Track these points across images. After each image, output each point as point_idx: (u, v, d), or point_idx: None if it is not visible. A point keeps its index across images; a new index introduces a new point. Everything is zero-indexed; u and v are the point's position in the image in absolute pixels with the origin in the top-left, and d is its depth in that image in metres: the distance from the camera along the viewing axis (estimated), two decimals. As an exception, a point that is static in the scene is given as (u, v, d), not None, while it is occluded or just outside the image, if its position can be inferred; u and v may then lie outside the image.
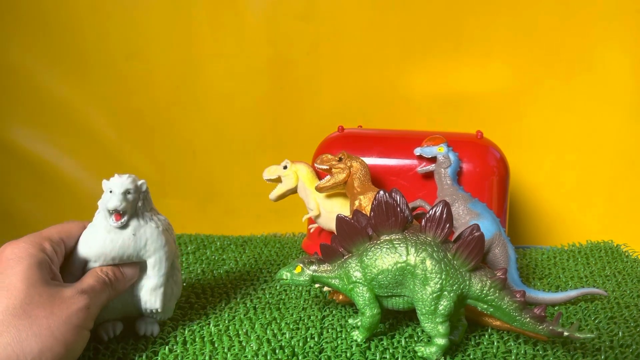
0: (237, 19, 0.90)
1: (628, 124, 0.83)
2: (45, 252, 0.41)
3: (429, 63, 0.87)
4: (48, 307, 0.38)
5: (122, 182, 0.44)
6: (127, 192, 0.44)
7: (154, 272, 0.47)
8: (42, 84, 0.94)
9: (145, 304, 0.47)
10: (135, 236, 0.45)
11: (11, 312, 0.36)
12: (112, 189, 0.44)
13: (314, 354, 0.45)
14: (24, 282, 0.38)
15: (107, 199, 0.44)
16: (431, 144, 0.64)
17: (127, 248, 0.45)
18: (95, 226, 0.45)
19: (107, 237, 0.44)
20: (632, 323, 0.52)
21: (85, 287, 0.41)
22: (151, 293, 0.47)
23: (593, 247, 0.75)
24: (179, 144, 0.95)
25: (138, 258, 0.46)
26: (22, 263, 0.39)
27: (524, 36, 0.84)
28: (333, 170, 0.62)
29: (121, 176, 0.45)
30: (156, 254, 0.46)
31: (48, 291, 0.39)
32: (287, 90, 0.91)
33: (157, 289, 0.47)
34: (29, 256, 0.40)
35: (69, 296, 0.40)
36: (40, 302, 0.38)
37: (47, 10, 0.91)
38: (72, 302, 0.39)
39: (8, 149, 0.96)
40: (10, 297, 0.37)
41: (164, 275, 0.47)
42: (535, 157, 0.86)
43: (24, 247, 0.40)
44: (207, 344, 0.47)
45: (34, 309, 0.37)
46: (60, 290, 0.40)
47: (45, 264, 0.40)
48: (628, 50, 0.82)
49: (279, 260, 0.72)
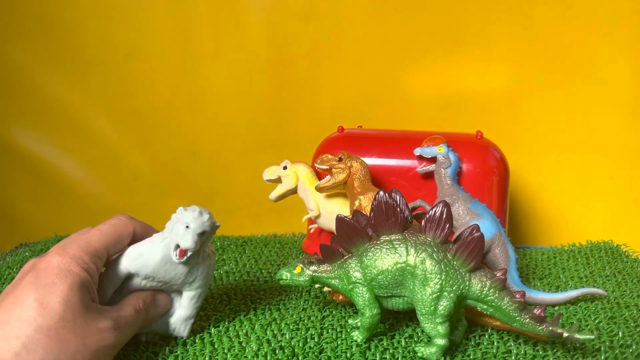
0: (237, 19, 0.90)
1: (628, 123, 0.83)
2: (89, 272, 0.40)
3: (429, 63, 0.87)
4: (80, 336, 0.37)
5: (202, 222, 0.43)
6: (203, 233, 0.43)
7: (190, 304, 0.47)
8: (42, 83, 0.94)
9: (174, 331, 0.47)
10: (189, 272, 0.45)
11: (44, 332, 0.36)
12: (189, 225, 0.43)
13: (314, 354, 0.45)
14: (62, 304, 0.37)
15: (182, 235, 0.42)
16: (431, 144, 0.64)
17: (177, 280, 0.45)
18: (154, 249, 0.44)
19: (163, 265, 0.44)
20: (632, 323, 0.52)
21: (122, 322, 0.41)
22: (182, 322, 0.47)
23: (593, 247, 0.75)
24: (179, 144, 0.95)
25: (180, 289, 0.46)
26: (65, 281, 0.38)
27: (524, 36, 0.84)
28: (333, 170, 0.62)
29: (202, 214, 0.43)
30: (198, 290, 0.47)
31: (84, 317, 0.38)
32: (287, 90, 0.91)
33: (189, 319, 0.47)
34: (72, 275, 0.39)
35: (103, 329, 0.39)
36: (74, 328, 0.37)
37: (47, 10, 0.91)
38: (104, 337, 0.39)
39: (8, 149, 0.96)
40: (46, 316, 0.37)
41: (198, 308, 0.47)
42: (535, 157, 0.86)
43: (69, 262, 0.39)
44: (207, 345, 0.47)
45: (66, 333, 0.37)
46: (97, 319, 0.39)
47: (88, 285, 0.40)
48: (628, 51, 0.82)
49: (279, 260, 0.72)
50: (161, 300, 0.46)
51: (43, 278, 0.38)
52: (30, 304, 0.37)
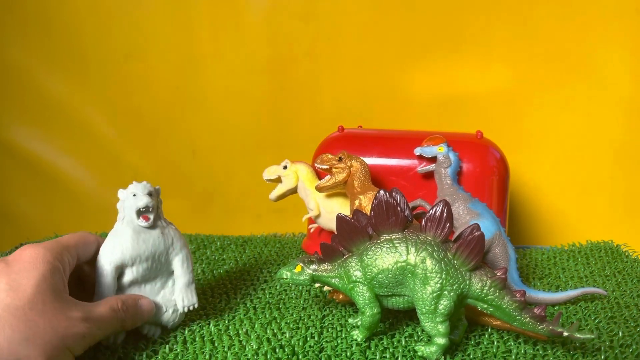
0: (237, 19, 0.90)
1: (628, 123, 0.83)
2: (62, 262, 0.41)
3: (429, 63, 0.87)
4: (48, 319, 0.38)
5: (144, 185, 0.47)
6: (149, 193, 0.46)
7: (184, 270, 0.48)
8: (41, 83, 0.94)
9: (183, 301, 0.48)
10: (163, 235, 0.47)
11: (12, 312, 0.36)
12: (135, 192, 0.46)
13: (314, 353, 0.45)
14: (34, 287, 0.38)
15: (134, 201, 0.45)
16: (431, 144, 0.64)
17: (159, 246, 0.46)
18: (121, 231, 0.46)
19: (139, 237, 0.46)
20: (632, 323, 0.52)
21: (95, 315, 0.41)
22: (186, 290, 0.48)
23: (593, 247, 0.75)
24: (179, 143, 0.95)
25: (167, 258, 0.47)
26: (37, 269, 0.39)
27: (524, 36, 0.84)
28: (333, 170, 0.62)
29: (140, 182, 0.47)
30: (182, 251, 0.48)
31: (54, 303, 0.38)
32: (287, 90, 0.91)
33: (190, 284, 0.48)
34: (46, 263, 0.40)
35: (73, 317, 0.39)
36: (43, 310, 0.38)
37: (47, 10, 0.91)
38: (72, 325, 0.39)
39: (8, 148, 0.96)
40: (15, 297, 0.37)
41: (192, 272, 0.49)
42: (535, 157, 0.86)
43: (43, 252, 0.40)
44: (207, 343, 0.47)
45: (34, 315, 0.37)
46: (68, 307, 0.39)
47: (59, 274, 0.40)
48: (628, 51, 0.82)
49: (279, 260, 0.72)
50: (144, 303, 0.46)
51: (14, 266, 0.39)
52: (0, 287, 0.37)
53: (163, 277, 0.48)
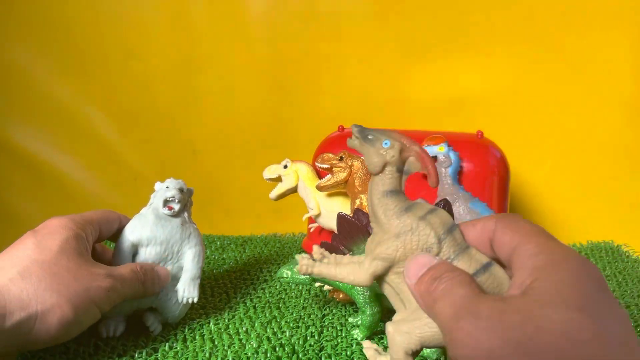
0: (237, 19, 0.90)
1: (628, 123, 0.84)
2: (85, 232, 0.44)
3: (429, 63, 0.88)
4: (72, 273, 0.40)
5: (178, 181, 0.51)
6: (181, 189, 0.50)
7: (193, 264, 0.50)
8: (41, 83, 0.94)
9: (184, 292, 0.49)
10: (182, 226, 0.50)
11: (39, 264, 0.39)
12: (168, 185, 0.50)
13: (314, 352, 0.45)
14: (58, 246, 0.41)
15: (164, 192, 0.49)
16: (431, 144, 0.64)
17: (174, 235, 0.49)
18: (145, 215, 0.49)
19: (159, 223, 0.49)
20: (632, 323, 0.52)
21: (116, 273, 0.43)
22: (189, 283, 0.49)
23: (593, 247, 0.75)
24: (179, 144, 0.95)
25: (180, 249, 0.49)
26: (62, 233, 0.42)
27: (524, 36, 0.84)
28: (334, 170, 0.62)
29: (176, 179, 0.52)
30: (196, 247, 0.50)
31: (77, 260, 0.41)
32: (287, 90, 0.91)
33: (195, 279, 0.50)
34: (70, 229, 0.42)
35: (96, 273, 0.41)
36: (67, 266, 0.40)
37: (46, 9, 0.91)
38: (96, 278, 0.41)
39: (7, 148, 0.96)
40: (41, 253, 0.40)
41: (201, 269, 0.50)
42: (535, 157, 0.86)
43: (67, 221, 0.43)
44: (207, 342, 0.47)
45: (60, 269, 0.39)
46: (90, 264, 0.42)
47: (82, 239, 0.43)
48: (628, 50, 0.82)
49: (279, 260, 0.71)
50: (160, 270, 0.48)
51: (41, 231, 0.42)
52: (27, 246, 0.40)
53: (173, 266, 0.49)
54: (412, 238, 0.31)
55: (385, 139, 0.34)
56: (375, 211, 0.34)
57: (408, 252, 0.31)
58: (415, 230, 0.31)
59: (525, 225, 0.29)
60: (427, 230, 0.31)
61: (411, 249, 0.31)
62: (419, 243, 0.31)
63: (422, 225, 0.31)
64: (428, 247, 0.31)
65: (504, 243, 0.29)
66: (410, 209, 0.33)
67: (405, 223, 0.32)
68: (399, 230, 0.32)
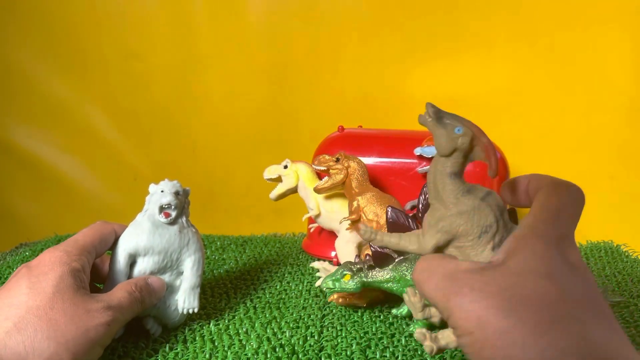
0: (237, 19, 0.90)
1: (628, 123, 0.84)
2: (79, 263, 0.42)
3: (429, 63, 0.88)
4: (69, 315, 0.38)
5: (173, 184, 0.49)
6: (177, 192, 0.48)
7: (192, 272, 0.48)
8: (41, 83, 0.94)
9: (184, 302, 0.48)
10: (180, 233, 0.48)
11: (34, 312, 0.37)
12: (163, 189, 0.48)
13: (314, 352, 0.45)
14: (52, 287, 0.39)
15: (159, 197, 0.47)
16: (431, 144, 0.64)
17: (173, 243, 0.47)
18: (141, 223, 0.47)
19: (156, 231, 0.46)
20: (632, 323, 0.52)
21: (114, 303, 0.42)
22: (189, 292, 0.48)
23: (593, 247, 0.75)
24: (179, 143, 0.95)
25: (179, 257, 0.48)
26: (55, 270, 0.40)
27: (524, 36, 0.84)
28: (331, 171, 0.62)
29: (171, 180, 0.49)
30: (196, 254, 0.48)
31: (74, 299, 0.39)
32: (287, 90, 0.91)
33: (195, 288, 0.48)
34: (63, 264, 0.41)
35: (94, 309, 0.40)
36: (63, 308, 0.38)
37: (46, 9, 0.91)
38: (94, 316, 0.40)
39: (7, 148, 0.96)
40: (36, 298, 0.38)
41: (201, 276, 0.49)
42: (535, 157, 0.86)
43: (60, 255, 0.42)
44: (208, 343, 0.47)
45: (55, 314, 0.38)
46: (87, 301, 0.40)
47: (78, 274, 0.41)
48: (628, 50, 0.82)
49: (279, 260, 0.71)
50: (154, 282, 0.47)
51: (35, 270, 0.40)
52: (21, 291, 0.39)
53: (172, 274, 0.48)
54: (474, 217, 0.35)
55: (459, 125, 0.36)
56: (439, 190, 0.36)
57: (469, 229, 0.34)
58: (477, 209, 0.35)
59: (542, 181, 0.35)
60: (487, 210, 0.35)
61: (472, 226, 0.35)
62: (480, 222, 0.35)
63: (483, 206, 0.35)
64: (488, 225, 0.34)
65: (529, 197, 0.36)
66: (471, 191, 0.36)
67: (468, 203, 0.35)
68: (463, 209, 0.35)
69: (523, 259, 0.29)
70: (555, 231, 0.31)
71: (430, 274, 0.33)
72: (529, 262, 0.29)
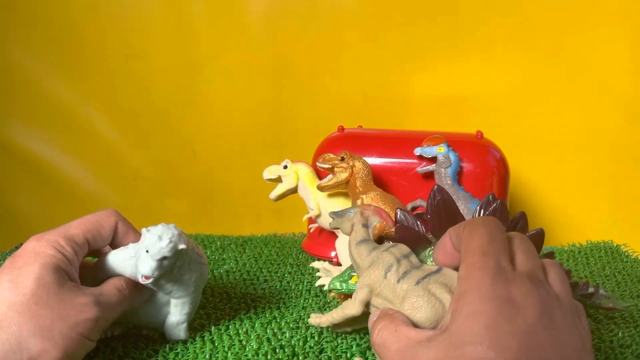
0: (237, 19, 0.90)
1: (628, 123, 0.84)
2: (65, 254, 0.40)
3: (429, 63, 0.88)
4: (55, 310, 0.37)
5: (160, 248, 0.40)
6: (163, 259, 0.41)
7: (177, 311, 0.46)
8: (41, 83, 0.94)
9: (170, 336, 0.46)
10: (161, 287, 0.44)
11: (16, 309, 0.36)
12: (148, 250, 0.41)
13: (314, 354, 0.45)
14: (35, 281, 0.37)
15: (142, 260, 0.41)
16: (431, 144, 0.64)
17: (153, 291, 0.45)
18: (124, 263, 0.43)
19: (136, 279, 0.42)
20: (632, 323, 0.52)
21: (103, 298, 0.40)
22: (175, 327, 0.46)
23: (593, 247, 0.75)
24: (179, 144, 0.95)
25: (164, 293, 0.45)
26: (37, 262, 0.38)
27: (524, 36, 0.84)
28: (335, 170, 0.62)
29: (161, 239, 0.41)
30: (180, 299, 0.45)
31: (59, 294, 0.38)
32: (287, 90, 0.91)
33: (181, 324, 0.46)
34: (46, 256, 0.39)
35: (81, 303, 0.38)
36: (48, 303, 0.37)
37: (46, 9, 0.91)
38: (82, 310, 0.38)
39: (8, 148, 0.96)
40: (18, 294, 0.36)
41: (187, 314, 0.46)
42: (535, 157, 0.86)
43: (44, 245, 0.39)
44: (207, 343, 0.47)
45: (39, 309, 0.36)
46: (74, 294, 0.39)
47: (63, 266, 0.39)
48: (628, 51, 0.82)
49: (279, 260, 0.71)
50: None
51: (17, 262, 0.38)
52: (3, 285, 0.37)
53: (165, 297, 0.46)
54: (378, 264, 0.39)
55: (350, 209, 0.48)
56: (353, 257, 0.42)
57: (377, 274, 0.39)
58: (380, 257, 0.39)
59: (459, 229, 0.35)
60: (387, 255, 0.39)
61: (378, 271, 0.39)
62: (382, 265, 0.39)
63: (384, 254, 0.39)
64: (389, 265, 0.38)
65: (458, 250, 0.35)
66: (377, 247, 0.41)
67: (373, 255, 0.41)
68: (370, 262, 0.40)
69: (463, 323, 0.29)
70: (487, 273, 0.30)
71: (386, 349, 0.33)
72: (468, 325, 0.29)
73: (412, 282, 0.36)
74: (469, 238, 0.33)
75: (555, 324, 0.29)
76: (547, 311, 0.30)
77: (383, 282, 0.38)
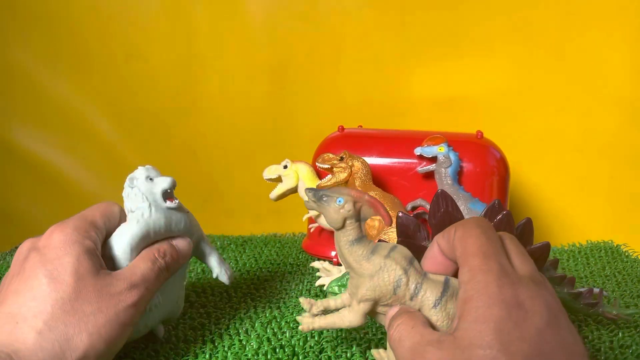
0: (237, 19, 0.90)
1: (628, 123, 0.84)
2: (92, 239, 0.39)
3: (429, 63, 0.88)
4: (95, 303, 0.37)
5: (152, 167, 0.44)
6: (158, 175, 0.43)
7: (211, 248, 0.48)
8: (42, 83, 0.94)
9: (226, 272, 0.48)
10: (189, 214, 0.45)
11: (60, 306, 0.35)
12: (149, 176, 0.43)
13: (314, 354, 0.45)
14: (73, 275, 0.37)
15: (156, 184, 0.42)
16: (431, 144, 0.64)
17: (186, 225, 0.45)
18: (131, 227, 0.41)
19: (171, 221, 0.43)
20: (632, 323, 0.52)
21: (138, 279, 0.40)
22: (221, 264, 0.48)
23: (593, 247, 0.75)
24: (180, 144, 0.95)
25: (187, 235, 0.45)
26: (71, 253, 0.37)
27: (524, 36, 0.84)
28: (334, 170, 0.63)
29: (144, 166, 0.44)
30: (201, 232, 0.47)
31: (96, 285, 0.37)
32: (287, 90, 0.91)
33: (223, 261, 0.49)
34: (77, 244, 0.38)
35: (118, 292, 0.38)
36: (88, 297, 0.36)
37: (47, 10, 0.91)
38: (120, 299, 0.38)
39: (8, 148, 0.96)
40: (59, 290, 0.36)
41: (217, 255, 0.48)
42: (535, 157, 0.86)
43: (71, 233, 0.39)
44: (208, 343, 0.47)
45: (82, 304, 0.36)
46: (110, 283, 0.38)
47: (93, 253, 0.39)
48: (628, 51, 0.82)
49: (279, 260, 0.72)
50: (180, 244, 0.45)
51: (47, 254, 0.38)
52: (40, 281, 0.36)
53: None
54: (383, 275, 0.36)
55: (338, 196, 0.37)
56: (346, 259, 0.38)
57: (384, 289, 0.36)
58: (384, 268, 0.36)
59: (449, 232, 0.34)
60: (393, 265, 0.36)
61: (385, 285, 0.36)
62: (390, 278, 0.36)
63: (388, 263, 0.36)
64: (398, 278, 0.36)
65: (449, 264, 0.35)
66: (376, 250, 0.37)
67: (375, 263, 0.36)
68: (371, 271, 0.36)
69: (471, 327, 0.29)
70: (492, 275, 0.30)
71: (400, 344, 0.33)
72: (477, 329, 0.29)
73: (429, 305, 0.34)
74: (463, 240, 0.33)
75: (561, 327, 0.29)
76: (554, 315, 0.30)
77: (393, 297, 0.36)
